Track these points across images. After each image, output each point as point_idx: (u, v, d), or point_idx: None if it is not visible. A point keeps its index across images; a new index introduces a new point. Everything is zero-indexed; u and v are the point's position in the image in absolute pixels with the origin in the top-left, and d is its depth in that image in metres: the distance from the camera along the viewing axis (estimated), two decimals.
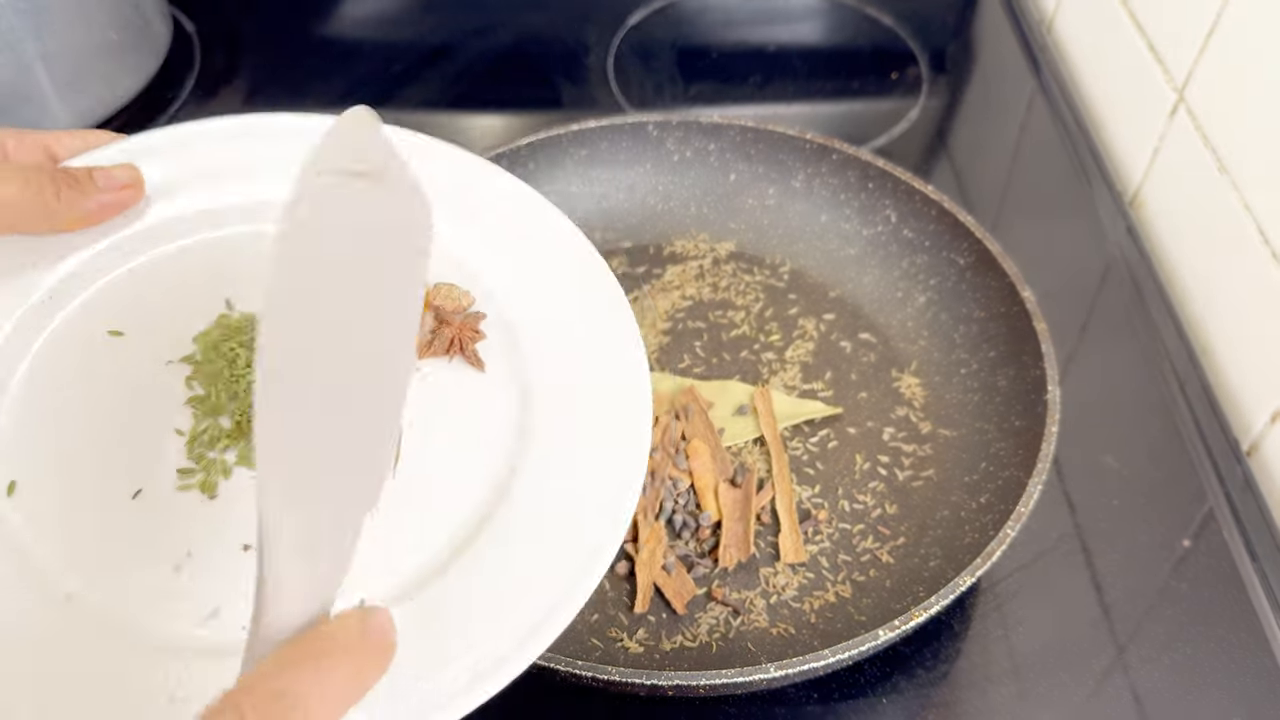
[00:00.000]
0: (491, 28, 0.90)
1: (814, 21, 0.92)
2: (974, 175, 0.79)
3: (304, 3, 0.91)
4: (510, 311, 0.47)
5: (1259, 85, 0.62)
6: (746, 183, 0.70)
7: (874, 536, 0.57)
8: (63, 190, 0.42)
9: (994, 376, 0.61)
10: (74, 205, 0.42)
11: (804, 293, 0.68)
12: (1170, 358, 0.66)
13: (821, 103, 0.85)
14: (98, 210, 0.43)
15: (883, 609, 0.53)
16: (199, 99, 0.83)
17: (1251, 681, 0.53)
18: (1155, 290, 0.69)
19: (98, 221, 0.44)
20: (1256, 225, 0.63)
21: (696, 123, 0.69)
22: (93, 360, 0.45)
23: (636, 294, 0.67)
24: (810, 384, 0.63)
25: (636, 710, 0.52)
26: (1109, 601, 0.56)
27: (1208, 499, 0.60)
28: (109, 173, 0.44)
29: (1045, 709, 0.52)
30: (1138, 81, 0.75)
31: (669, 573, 0.55)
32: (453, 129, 0.83)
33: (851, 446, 0.61)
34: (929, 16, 0.92)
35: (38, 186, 0.41)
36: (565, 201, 0.70)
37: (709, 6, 0.92)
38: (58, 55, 0.73)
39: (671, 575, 0.54)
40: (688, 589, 0.54)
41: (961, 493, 0.57)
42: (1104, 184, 0.76)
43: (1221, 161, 0.66)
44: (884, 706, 0.52)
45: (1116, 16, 0.78)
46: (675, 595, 0.54)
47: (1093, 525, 0.59)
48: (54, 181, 0.42)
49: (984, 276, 0.63)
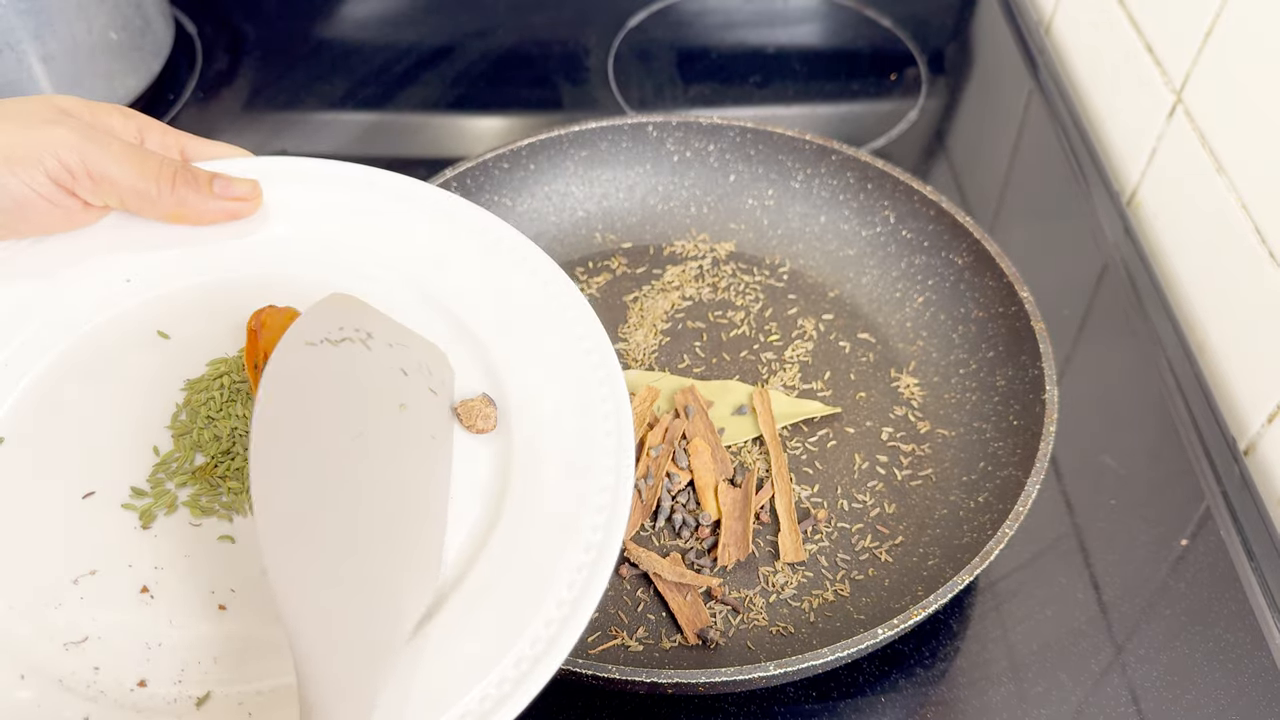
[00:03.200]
0: (492, 29, 0.90)
1: (813, 23, 0.92)
2: (972, 176, 0.79)
3: (305, 4, 0.91)
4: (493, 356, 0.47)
5: (1257, 86, 0.63)
6: (746, 183, 0.70)
7: (873, 535, 0.57)
8: (178, 185, 0.46)
9: (992, 376, 0.61)
10: (184, 201, 0.46)
11: (803, 293, 0.68)
12: (1168, 357, 0.66)
13: (821, 104, 0.86)
14: (208, 213, 0.47)
15: (881, 608, 0.54)
16: (200, 100, 0.83)
17: (1249, 680, 0.53)
18: (1153, 290, 0.69)
19: (208, 222, 0.47)
20: (1254, 226, 0.63)
21: (696, 124, 0.69)
22: (133, 354, 0.46)
23: (637, 294, 0.68)
24: (809, 384, 0.64)
25: (636, 709, 0.52)
26: (1107, 600, 0.56)
27: (1205, 498, 0.60)
28: (230, 183, 0.47)
29: (1043, 707, 0.52)
30: (1136, 82, 0.76)
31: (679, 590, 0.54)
32: (453, 130, 0.83)
33: (850, 446, 0.61)
34: (927, 18, 0.92)
35: (155, 174, 0.45)
36: (565, 202, 0.70)
37: (709, 8, 0.92)
38: (58, 55, 0.73)
39: (687, 601, 0.54)
40: (701, 619, 0.53)
41: (960, 492, 0.58)
42: (1102, 184, 0.76)
43: (1219, 162, 0.67)
44: (882, 705, 0.53)
45: (1114, 18, 0.78)
46: (688, 624, 0.53)
47: (1090, 524, 0.59)
48: (173, 175, 0.45)
49: (982, 276, 0.63)
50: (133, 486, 0.43)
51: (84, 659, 0.39)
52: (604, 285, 0.68)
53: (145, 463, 0.44)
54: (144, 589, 0.41)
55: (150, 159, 0.45)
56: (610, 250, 0.70)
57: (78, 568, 0.41)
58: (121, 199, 0.45)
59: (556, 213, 0.70)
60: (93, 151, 0.43)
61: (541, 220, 0.69)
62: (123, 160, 0.44)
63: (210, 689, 0.39)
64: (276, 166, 0.50)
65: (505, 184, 0.67)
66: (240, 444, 0.44)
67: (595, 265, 0.69)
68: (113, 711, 0.38)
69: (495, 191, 0.67)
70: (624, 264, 0.69)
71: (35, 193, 0.43)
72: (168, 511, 0.43)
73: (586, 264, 0.69)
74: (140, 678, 0.39)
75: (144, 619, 0.40)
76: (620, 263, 0.69)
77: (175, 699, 0.38)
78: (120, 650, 0.39)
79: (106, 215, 0.47)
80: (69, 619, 0.40)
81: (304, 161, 0.51)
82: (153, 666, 0.39)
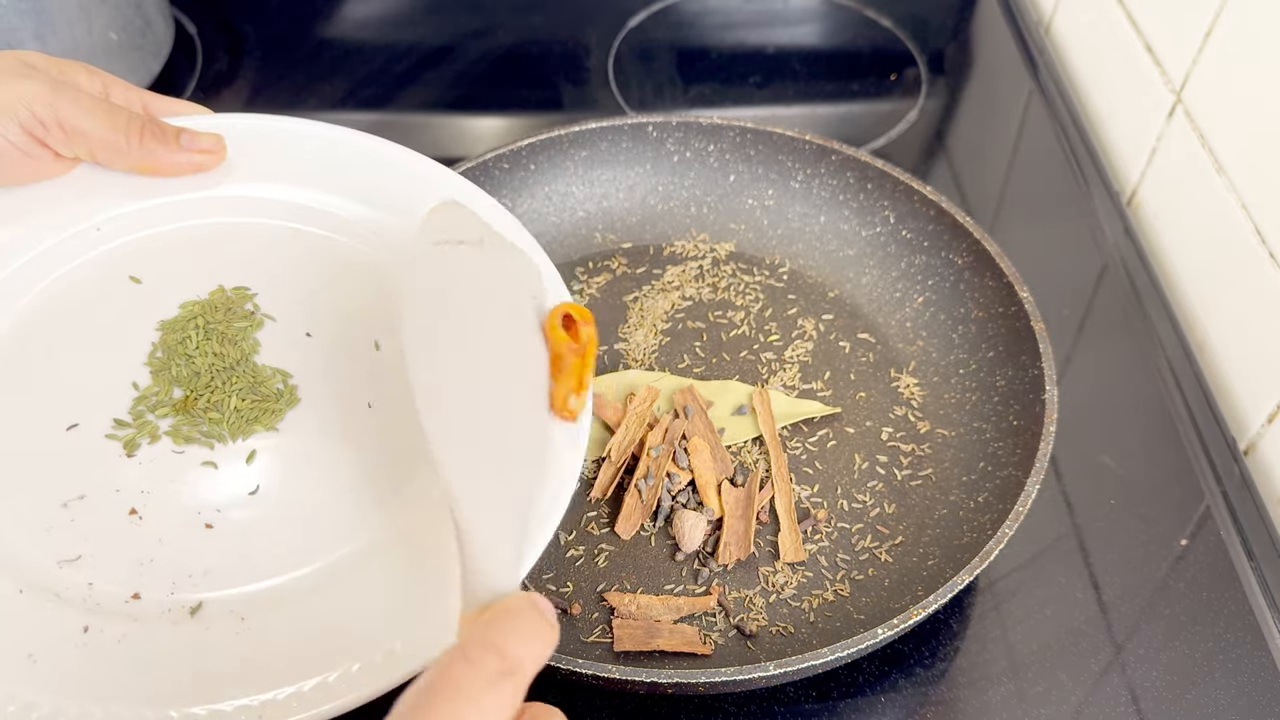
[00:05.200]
0: (492, 29, 0.90)
1: (813, 23, 0.92)
2: (972, 176, 0.79)
3: (305, 4, 0.91)
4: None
5: (1257, 86, 0.63)
6: (746, 183, 0.71)
7: (873, 535, 0.57)
8: (146, 138, 0.47)
9: (992, 376, 0.61)
10: (151, 153, 0.48)
11: (803, 293, 0.68)
12: (1168, 357, 0.66)
13: (820, 104, 0.86)
14: (174, 164, 0.49)
15: (881, 608, 0.54)
16: (200, 100, 0.82)
17: (1248, 680, 0.53)
18: (1153, 290, 0.69)
19: (174, 174, 0.50)
20: (1254, 226, 0.63)
21: (696, 124, 0.69)
22: (106, 297, 0.49)
23: (637, 294, 0.68)
24: (809, 384, 0.64)
25: (636, 709, 0.52)
26: (1106, 600, 0.56)
27: (1205, 498, 0.60)
28: (196, 137, 0.49)
29: (1043, 707, 0.52)
30: (1135, 82, 0.76)
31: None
32: (454, 130, 0.84)
33: (850, 446, 0.61)
34: (927, 18, 0.92)
35: (125, 127, 0.47)
36: (566, 202, 0.70)
37: (709, 8, 0.92)
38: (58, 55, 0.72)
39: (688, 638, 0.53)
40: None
41: (960, 492, 0.58)
42: (1101, 184, 0.76)
43: (1219, 162, 0.67)
44: (882, 705, 0.53)
45: (1114, 18, 0.78)
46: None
47: (1090, 524, 0.59)
48: (141, 128, 0.47)
49: (982, 276, 0.63)
50: (115, 418, 0.45)
51: (79, 575, 0.41)
52: (604, 285, 0.68)
53: (125, 397, 0.46)
54: (132, 510, 0.43)
55: (119, 113, 0.47)
56: (610, 250, 0.70)
57: (67, 493, 0.43)
58: (91, 151, 0.47)
59: (557, 213, 0.70)
60: (64, 104, 0.45)
61: (542, 220, 0.69)
62: (93, 113, 0.46)
63: (202, 598, 0.41)
64: (240, 123, 0.52)
65: (505, 184, 0.67)
66: (218, 379, 0.46)
67: (595, 265, 0.69)
68: (110, 621, 0.40)
69: (495, 192, 0.67)
70: (624, 264, 0.69)
71: (9, 143, 0.45)
72: (151, 441, 0.45)
73: (587, 264, 0.69)
74: (134, 591, 0.41)
75: (134, 538, 0.42)
76: (620, 263, 0.69)
77: (169, 608, 0.41)
78: (113, 567, 0.42)
79: (76, 167, 0.49)
80: (61, 540, 0.42)
81: (266, 118, 0.53)
82: (145, 581, 0.41)
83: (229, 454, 0.45)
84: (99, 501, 0.43)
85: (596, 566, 0.56)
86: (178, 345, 0.47)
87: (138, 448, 0.45)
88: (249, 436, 0.45)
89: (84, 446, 0.44)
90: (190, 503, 0.44)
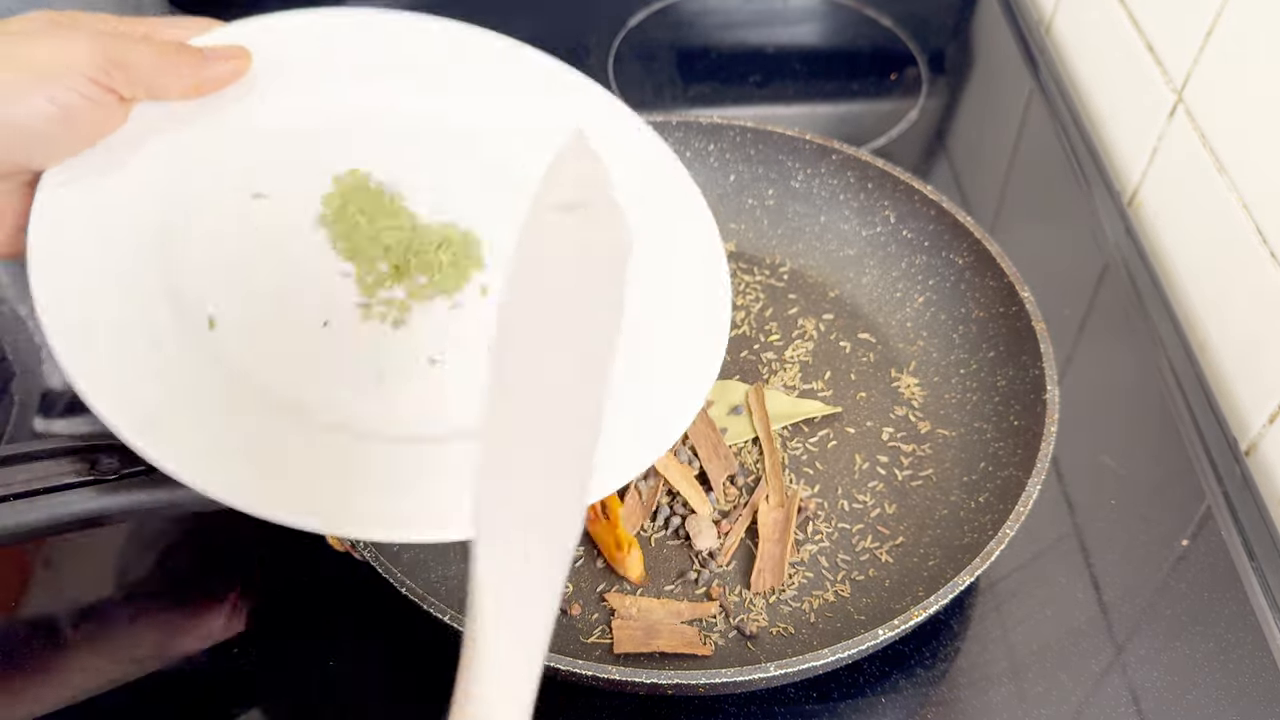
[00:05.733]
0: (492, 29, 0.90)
1: (813, 23, 0.92)
2: (973, 176, 0.79)
3: (305, 5, 0.91)
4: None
5: (1258, 86, 0.63)
6: (746, 183, 0.70)
7: (873, 536, 0.57)
8: (184, 59, 0.48)
9: (993, 376, 0.61)
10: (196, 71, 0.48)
11: (803, 293, 0.68)
12: (1169, 357, 0.66)
13: (821, 103, 0.86)
14: (217, 77, 0.49)
15: (882, 608, 0.54)
16: None
17: (1249, 680, 0.53)
18: (1154, 290, 0.69)
19: (216, 89, 0.49)
20: (1255, 225, 0.63)
21: (696, 123, 0.69)
22: (247, 218, 0.49)
23: None
24: (809, 384, 0.64)
25: (636, 709, 0.52)
26: (1107, 601, 0.56)
27: (1206, 499, 0.60)
28: (215, 48, 0.49)
29: (1043, 707, 0.52)
30: (1136, 82, 0.75)
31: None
32: None
33: (851, 446, 0.61)
34: (928, 18, 0.92)
35: (170, 52, 0.47)
36: None
37: (709, 8, 0.92)
38: None
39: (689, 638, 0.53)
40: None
41: (960, 492, 0.58)
42: (1102, 184, 0.76)
43: (1220, 162, 0.66)
44: (883, 705, 0.53)
45: (1115, 17, 0.78)
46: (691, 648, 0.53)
47: (1091, 525, 0.59)
48: (177, 51, 0.47)
49: (983, 276, 0.63)
50: (357, 304, 0.47)
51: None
52: None
53: (343, 287, 0.47)
54: (431, 360, 0.46)
55: (153, 42, 0.47)
56: None
57: (370, 374, 0.46)
58: (148, 85, 0.47)
59: None
60: (110, 45, 0.45)
61: None
62: (136, 48, 0.46)
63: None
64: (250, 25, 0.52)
65: None
66: (413, 246, 0.48)
67: None
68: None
69: None
70: None
71: (80, 96, 0.45)
72: (400, 313, 0.47)
73: None
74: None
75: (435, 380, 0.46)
76: None
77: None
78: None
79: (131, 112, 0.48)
80: (399, 412, 0.45)
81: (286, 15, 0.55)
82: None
83: (464, 298, 0.48)
84: (401, 368, 0.45)
85: (596, 567, 0.56)
86: (352, 232, 0.48)
87: (400, 321, 0.47)
88: (469, 280, 0.48)
89: (349, 335, 0.46)
90: (482, 344, 0.46)
